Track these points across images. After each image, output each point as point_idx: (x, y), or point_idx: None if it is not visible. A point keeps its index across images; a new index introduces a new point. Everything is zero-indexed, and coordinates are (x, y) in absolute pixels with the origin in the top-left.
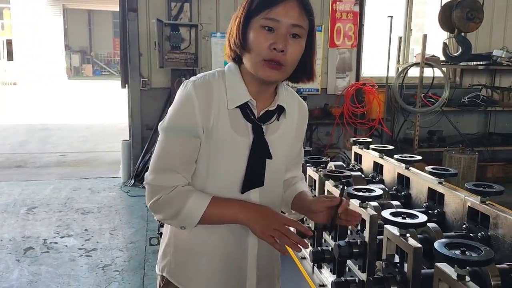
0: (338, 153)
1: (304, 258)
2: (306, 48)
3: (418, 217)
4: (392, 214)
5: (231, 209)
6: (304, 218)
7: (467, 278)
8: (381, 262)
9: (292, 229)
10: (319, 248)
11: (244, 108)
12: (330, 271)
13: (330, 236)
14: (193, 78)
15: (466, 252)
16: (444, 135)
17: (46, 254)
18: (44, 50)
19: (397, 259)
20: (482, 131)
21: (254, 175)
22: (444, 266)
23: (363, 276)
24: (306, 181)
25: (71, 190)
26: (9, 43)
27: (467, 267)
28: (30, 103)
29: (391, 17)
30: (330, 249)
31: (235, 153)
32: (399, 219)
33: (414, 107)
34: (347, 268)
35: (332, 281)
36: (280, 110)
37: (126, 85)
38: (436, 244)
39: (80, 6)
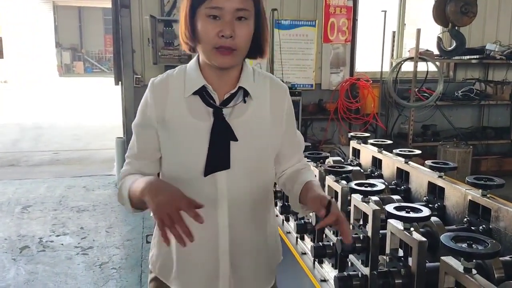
0: (333, 149)
1: (305, 253)
2: (256, 27)
3: (422, 211)
4: (396, 208)
5: (139, 190)
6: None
7: (474, 271)
8: (385, 257)
9: None
10: (320, 243)
11: (202, 94)
12: (332, 266)
13: (331, 231)
14: (156, 76)
15: (473, 245)
16: (438, 129)
17: (42, 253)
18: (35, 48)
19: (401, 253)
20: (475, 125)
21: (216, 158)
22: (449, 260)
23: (366, 271)
24: None
25: (66, 188)
26: None
27: (474, 260)
28: (21, 101)
29: (385, 11)
30: (331, 244)
31: (196, 137)
32: (403, 213)
33: (408, 101)
34: (349, 263)
35: (334, 276)
36: (246, 92)
37: (120, 82)
38: (443, 238)
39: (70, 3)
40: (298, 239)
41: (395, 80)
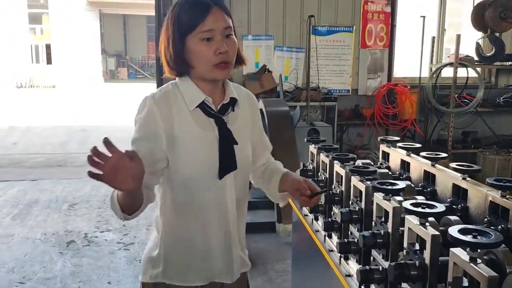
0: (369, 154)
1: (332, 250)
2: None
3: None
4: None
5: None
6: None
7: None
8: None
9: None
10: (345, 239)
11: (203, 107)
12: (356, 261)
13: (356, 228)
14: (152, 93)
15: None
16: (479, 136)
17: (87, 247)
18: (82, 54)
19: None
20: None
21: (227, 161)
22: None
23: (385, 264)
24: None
25: (110, 188)
26: (48, 47)
27: None
28: (69, 105)
29: (424, 17)
30: (356, 241)
31: (205, 146)
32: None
33: (448, 107)
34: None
35: (357, 269)
36: (233, 101)
37: None
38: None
39: (115, 11)
40: (326, 237)
41: (434, 85)
